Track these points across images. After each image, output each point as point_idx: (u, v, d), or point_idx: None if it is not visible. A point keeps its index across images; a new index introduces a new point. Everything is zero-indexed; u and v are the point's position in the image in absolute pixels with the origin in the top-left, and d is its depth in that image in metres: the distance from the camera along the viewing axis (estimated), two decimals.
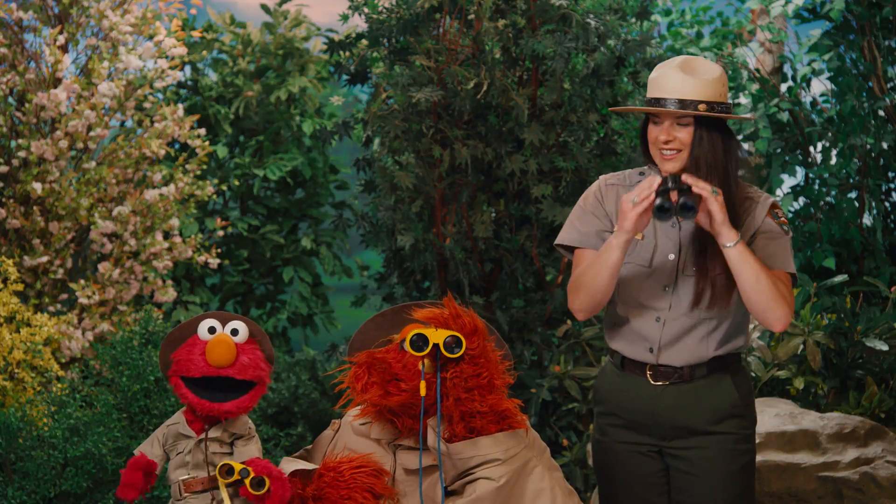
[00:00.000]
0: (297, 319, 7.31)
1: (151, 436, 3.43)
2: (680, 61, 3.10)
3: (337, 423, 3.44)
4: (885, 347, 4.78)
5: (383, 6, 5.40)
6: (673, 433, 3.21)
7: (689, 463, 3.20)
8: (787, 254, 3.15)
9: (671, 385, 3.20)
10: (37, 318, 4.91)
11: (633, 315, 3.22)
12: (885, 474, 4.24)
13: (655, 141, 3.10)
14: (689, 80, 3.04)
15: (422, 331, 3.16)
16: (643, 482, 3.28)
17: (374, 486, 3.21)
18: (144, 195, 5.72)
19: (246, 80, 7.22)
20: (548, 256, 5.68)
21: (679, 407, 3.19)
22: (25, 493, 4.30)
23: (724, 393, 3.19)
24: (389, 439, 3.29)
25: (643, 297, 3.19)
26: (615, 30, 5.48)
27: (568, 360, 5.27)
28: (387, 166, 5.59)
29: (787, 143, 6.24)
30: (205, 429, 3.34)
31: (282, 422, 5.66)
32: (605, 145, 5.64)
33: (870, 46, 6.12)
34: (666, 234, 3.19)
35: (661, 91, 3.06)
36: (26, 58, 5.72)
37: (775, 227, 3.15)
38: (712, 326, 3.17)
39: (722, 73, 3.12)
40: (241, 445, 3.36)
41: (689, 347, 3.18)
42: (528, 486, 3.16)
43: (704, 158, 3.05)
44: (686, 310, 3.16)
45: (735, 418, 3.19)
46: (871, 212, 6.11)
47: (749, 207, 3.16)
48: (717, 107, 3.05)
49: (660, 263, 3.18)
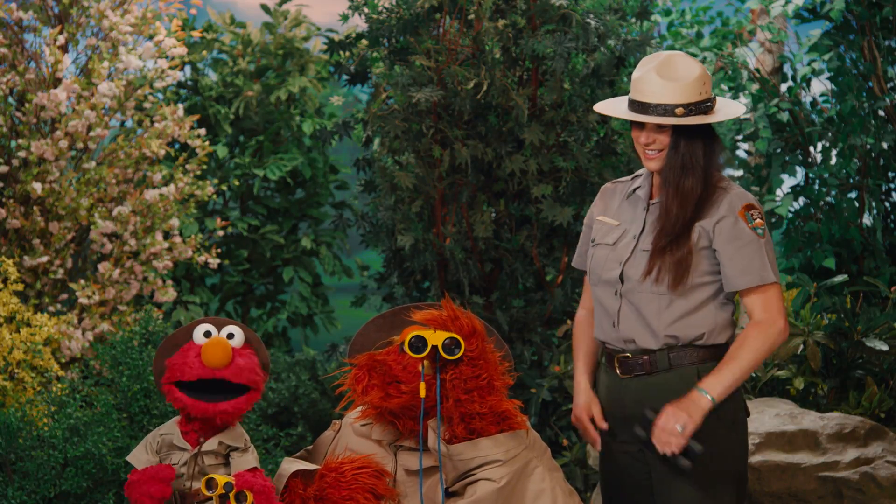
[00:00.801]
0: (297, 319, 7.31)
1: (143, 442, 3.40)
2: (659, 63, 3.18)
3: (338, 423, 3.44)
4: (886, 347, 4.78)
5: (383, 6, 5.40)
6: (645, 425, 3.20)
7: (661, 462, 3.20)
8: (763, 261, 3.15)
9: (635, 378, 3.23)
10: (37, 318, 4.91)
11: (599, 293, 3.30)
12: (885, 474, 4.24)
13: (638, 142, 3.23)
14: (667, 85, 3.14)
15: (420, 333, 3.17)
16: (632, 482, 3.28)
17: (376, 486, 3.21)
18: (144, 195, 5.72)
19: (246, 80, 7.22)
20: (548, 256, 5.69)
21: (644, 399, 3.20)
22: (25, 493, 4.30)
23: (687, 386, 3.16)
24: (390, 440, 3.29)
25: (605, 273, 3.27)
26: (615, 30, 5.48)
27: (568, 360, 5.27)
28: (387, 166, 5.59)
29: (787, 143, 6.24)
30: (199, 441, 3.33)
31: (282, 422, 5.66)
32: (605, 145, 5.64)
33: (870, 46, 6.12)
34: (635, 217, 3.29)
35: (642, 95, 3.17)
36: (26, 58, 5.71)
37: (746, 232, 3.15)
38: (665, 303, 3.18)
39: (702, 72, 3.18)
40: (238, 457, 3.35)
41: (643, 321, 3.20)
42: (528, 486, 3.16)
43: (680, 162, 3.17)
44: (638, 282, 3.19)
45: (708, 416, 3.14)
46: (871, 212, 6.11)
47: (717, 199, 3.19)
48: (695, 108, 3.14)
49: (623, 242, 3.27)
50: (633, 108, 3.19)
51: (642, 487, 3.28)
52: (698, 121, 3.15)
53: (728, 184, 3.23)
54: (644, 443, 3.15)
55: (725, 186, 3.22)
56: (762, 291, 3.16)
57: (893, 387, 4.87)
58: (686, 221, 3.17)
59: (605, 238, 3.31)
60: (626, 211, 3.32)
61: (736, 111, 3.23)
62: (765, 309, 3.15)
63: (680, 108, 3.13)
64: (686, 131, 3.17)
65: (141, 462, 3.38)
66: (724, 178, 3.25)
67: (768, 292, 3.16)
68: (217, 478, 3.24)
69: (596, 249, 3.32)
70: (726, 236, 3.16)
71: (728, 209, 3.17)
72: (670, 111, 3.14)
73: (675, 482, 3.18)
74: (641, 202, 3.29)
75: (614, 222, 3.31)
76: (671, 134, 3.17)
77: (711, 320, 3.20)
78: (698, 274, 3.17)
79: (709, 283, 3.18)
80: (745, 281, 3.15)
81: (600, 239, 3.32)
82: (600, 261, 3.29)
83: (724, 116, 3.19)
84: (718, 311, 3.20)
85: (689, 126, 3.16)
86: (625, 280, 3.22)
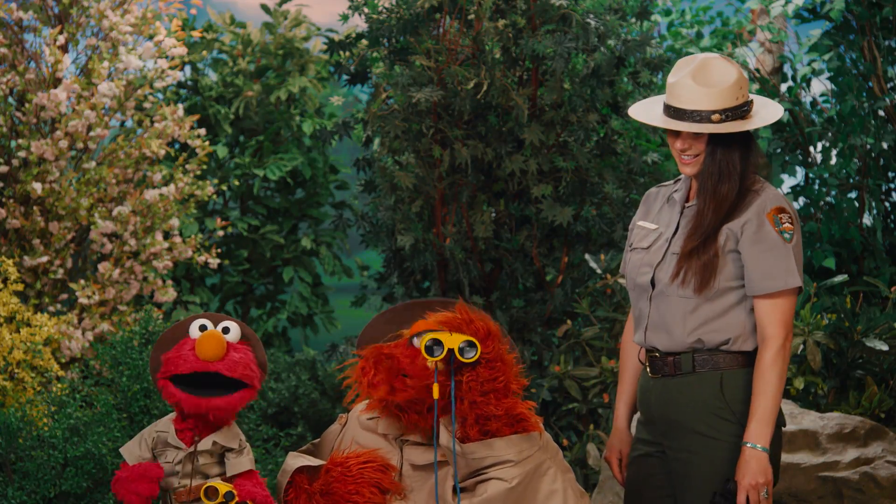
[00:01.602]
0: (297, 319, 7.31)
1: (138, 436, 3.36)
2: (695, 67, 3.14)
3: (344, 417, 3.43)
4: (886, 347, 4.78)
5: (383, 6, 5.40)
6: (666, 429, 3.21)
7: (680, 464, 3.19)
8: (788, 266, 3.10)
9: (661, 378, 3.22)
10: (37, 318, 4.91)
11: (634, 298, 3.30)
12: (885, 474, 4.24)
13: (674, 147, 3.19)
14: (703, 91, 3.10)
15: (437, 335, 3.16)
16: (653, 486, 3.27)
17: (382, 481, 3.21)
18: (144, 195, 5.72)
19: (246, 80, 7.22)
20: (548, 256, 5.69)
21: (666, 401, 3.19)
22: (25, 493, 4.30)
23: (709, 391, 3.16)
24: (396, 434, 3.28)
25: (638, 278, 3.26)
26: (615, 30, 5.48)
27: (568, 361, 5.27)
28: (387, 166, 5.59)
29: (787, 143, 6.24)
30: (195, 440, 3.32)
31: (282, 422, 5.66)
32: (605, 145, 5.64)
33: (870, 46, 6.12)
34: (671, 221, 3.27)
35: (677, 100, 3.13)
36: (26, 58, 5.71)
37: (771, 236, 3.11)
38: (691, 307, 3.15)
39: (739, 75, 3.13)
40: (233, 458, 3.33)
41: (669, 326, 3.18)
42: (541, 486, 3.16)
43: (717, 169, 3.14)
44: (665, 285, 3.18)
45: (725, 422, 3.14)
46: (871, 212, 6.11)
47: (748, 201, 3.16)
48: (731, 113, 3.10)
49: (656, 246, 3.26)
50: (669, 113, 3.15)
51: (664, 492, 3.27)
52: (735, 128, 3.10)
53: (762, 185, 3.19)
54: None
55: (758, 189, 3.17)
56: (775, 299, 3.11)
57: (893, 387, 4.87)
58: (716, 225, 3.14)
59: (641, 242, 3.30)
60: (664, 215, 3.30)
61: (774, 115, 3.17)
62: (770, 322, 3.11)
63: (716, 115, 3.09)
64: (723, 137, 3.13)
65: (133, 457, 3.34)
66: (759, 180, 3.20)
67: (783, 302, 3.12)
68: (218, 486, 3.22)
69: (632, 254, 3.31)
70: (751, 239, 3.12)
71: (756, 211, 3.13)
72: (706, 118, 3.10)
73: (686, 486, 3.19)
74: (677, 206, 3.27)
75: (652, 226, 3.29)
76: (707, 140, 3.14)
77: (739, 326, 3.16)
78: (725, 278, 3.13)
79: (736, 288, 3.14)
80: (765, 286, 3.10)
81: (637, 243, 3.31)
82: (635, 265, 3.28)
83: (761, 122, 3.14)
84: (746, 316, 3.15)
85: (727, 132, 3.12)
86: (655, 284, 3.21)
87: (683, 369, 3.18)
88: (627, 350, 3.43)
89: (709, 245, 3.13)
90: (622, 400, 3.43)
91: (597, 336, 5.28)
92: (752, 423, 3.08)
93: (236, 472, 3.31)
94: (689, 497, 3.17)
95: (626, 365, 3.43)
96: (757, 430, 3.08)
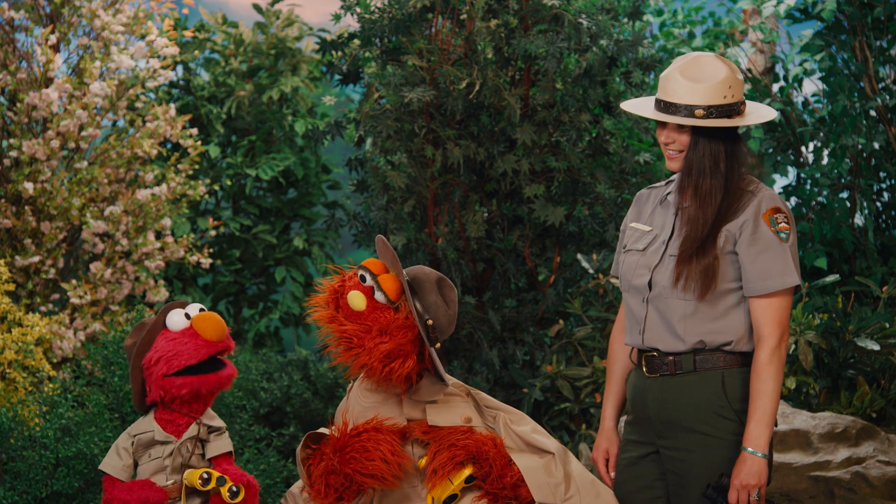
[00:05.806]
0: (289, 319, 7.30)
1: (113, 448, 3.36)
2: (685, 62, 3.16)
3: (351, 386, 3.45)
4: (877, 347, 4.78)
5: (375, 6, 5.40)
6: (662, 428, 3.21)
7: (677, 463, 3.20)
8: (785, 266, 3.11)
9: (660, 377, 3.21)
10: (28, 318, 4.90)
11: (628, 300, 3.29)
12: (876, 474, 4.25)
13: (660, 140, 3.21)
14: (689, 86, 3.12)
15: (446, 487, 3.19)
16: (646, 485, 3.27)
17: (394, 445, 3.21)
18: (136, 195, 5.72)
19: (238, 80, 7.22)
20: (540, 256, 5.69)
21: (665, 400, 3.19)
22: (17, 493, 4.30)
23: (711, 389, 3.17)
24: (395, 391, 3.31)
25: (634, 279, 3.25)
26: (607, 30, 5.48)
27: (560, 360, 5.27)
28: (379, 166, 5.59)
29: (779, 143, 6.25)
30: (198, 422, 3.32)
31: (274, 422, 5.65)
32: (597, 145, 5.64)
33: (861, 46, 6.13)
34: (666, 222, 3.26)
35: (665, 94, 3.15)
36: (18, 57, 5.71)
37: (767, 236, 3.12)
38: (691, 309, 3.16)
39: (729, 73, 3.14)
40: (215, 439, 3.34)
41: (669, 327, 3.18)
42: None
43: (698, 163, 3.15)
44: (665, 288, 3.18)
45: (725, 420, 3.16)
46: (863, 212, 6.12)
47: (744, 202, 3.17)
48: (717, 110, 3.11)
49: (652, 248, 3.25)
50: (658, 106, 3.17)
51: (656, 493, 3.27)
52: (718, 123, 3.12)
53: (757, 186, 3.19)
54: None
55: (754, 189, 3.18)
56: (771, 299, 3.12)
57: (885, 386, 4.88)
58: (711, 226, 3.15)
59: (636, 244, 3.29)
60: (658, 216, 3.30)
61: (765, 115, 3.18)
62: (766, 322, 3.13)
63: (700, 111, 3.11)
64: (706, 133, 3.14)
65: (117, 469, 3.33)
66: (754, 180, 3.21)
67: (779, 301, 3.12)
68: (212, 472, 3.24)
69: (627, 255, 3.30)
70: (748, 240, 3.13)
71: (752, 212, 3.14)
72: (691, 112, 3.12)
73: (683, 484, 3.19)
74: (672, 207, 3.27)
75: (646, 228, 3.29)
76: (691, 135, 3.15)
77: (740, 327, 3.17)
78: (725, 280, 3.14)
79: (736, 290, 3.15)
80: (763, 287, 3.11)
81: (631, 245, 3.30)
82: (630, 266, 3.27)
83: (750, 121, 3.16)
84: (746, 316, 3.17)
85: (711, 128, 3.13)
86: (653, 286, 3.21)
87: (684, 368, 3.19)
88: (616, 350, 3.42)
89: (708, 248, 3.13)
90: (610, 400, 3.43)
91: (589, 336, 5.28)
92: (751, 425, 3.09)
93: (219, 453, 3.32)
94: (684, 495, 3.18)
95: (615, 366, 3.42)
96: (756, 432, 3.09)
